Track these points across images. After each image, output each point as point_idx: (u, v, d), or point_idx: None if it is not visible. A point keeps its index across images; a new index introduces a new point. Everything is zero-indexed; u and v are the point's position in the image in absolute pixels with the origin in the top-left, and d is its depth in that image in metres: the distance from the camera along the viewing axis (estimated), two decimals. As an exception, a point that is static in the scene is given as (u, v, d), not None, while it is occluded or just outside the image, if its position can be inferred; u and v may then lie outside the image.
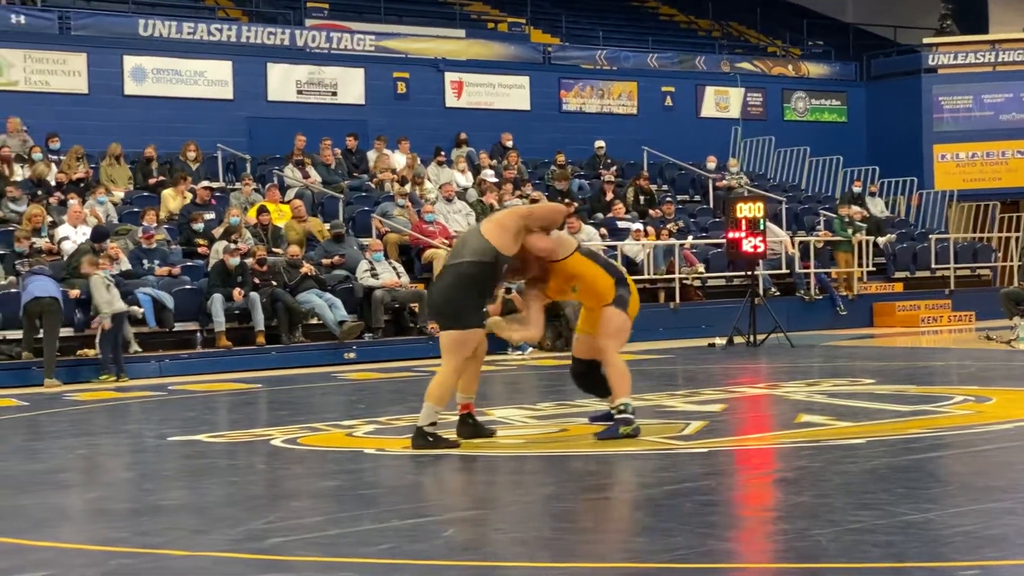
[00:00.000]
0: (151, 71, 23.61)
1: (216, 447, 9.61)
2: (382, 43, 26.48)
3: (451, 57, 27.18)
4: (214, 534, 6.39)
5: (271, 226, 19.27)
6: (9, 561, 5.89)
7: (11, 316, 15.60)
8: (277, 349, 17.25)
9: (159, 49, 23.89)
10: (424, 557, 5.69)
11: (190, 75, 23.94)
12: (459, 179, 23.36)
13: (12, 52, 22.44)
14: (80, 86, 22.99)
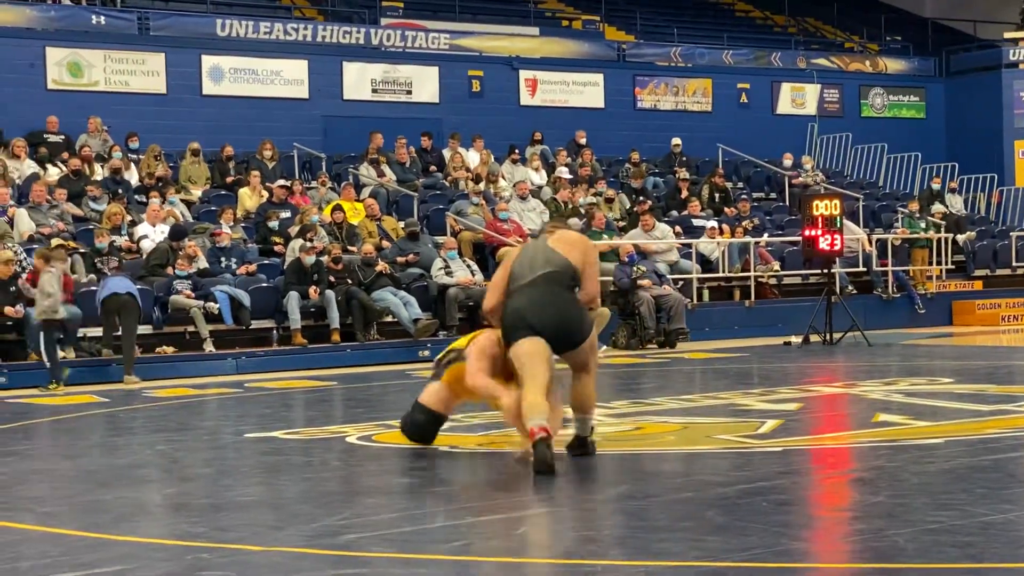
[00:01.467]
0: (228, 71, 23.84)
1: (291, 444, 9.67)
2: (457, 41, 26.54)
3: (525, 55, 27.18)
4: (289, 530, 6.44)
5: (346, 224, 19.38)
6: (90, 555, 5.97)
7: (91, 313, 15.81)
8: (352, 347, 17.34)
9: (236, 49, 24.12)
10: (497, 554, 5.69)
11: (266, 74, 24.14)
12: (533, 177, 23.36)
13: (93, 53, 22.75)
14: (159, 86, 23.27)
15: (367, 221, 19.90)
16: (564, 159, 24.15)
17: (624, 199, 23.25)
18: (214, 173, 21.58)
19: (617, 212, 22.51)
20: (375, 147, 22.63)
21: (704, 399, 11.67)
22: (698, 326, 19.44)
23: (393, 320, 17.88)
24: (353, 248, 18.81)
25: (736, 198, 24.09)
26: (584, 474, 8.23)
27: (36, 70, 22.20)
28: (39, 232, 17.59)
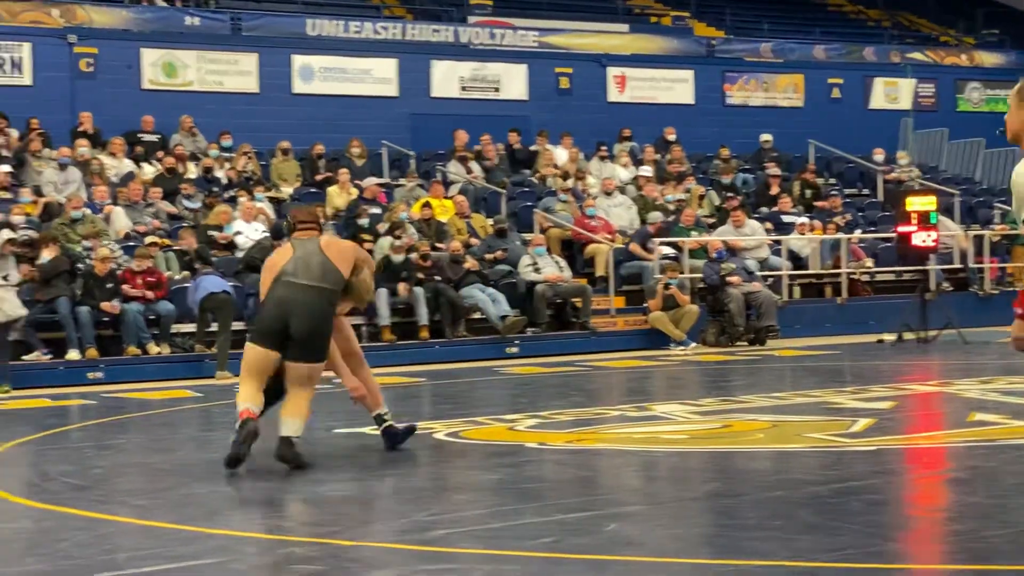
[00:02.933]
0: (319, 70, 24.04)
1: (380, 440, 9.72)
2: (545, 39, 26.53)
3: (614, 52, 27.10)
4: (378, 525, 6.48)
5: (435, 221, 19.46)
6: (185, 548, 6.06)
7: (185, 310, 16.03)
8: (440, 343, 17.40)
9: (326, 48, 24.31)
10: (586, 552, 5.68)
11: (356, 73, 24.31)
12: (621, 174, 23.29)
13: (186, 53, 23.07)
14: (251, 85, 23.53)
15: (456, 218, 19.97)
16: (652, 156, 24.04)
17: (713, 195, 23.09)
18: (304, 171, 21.78)
19: (707, 209, 22.36)
20: (463, 144, 22.70)
21: (795, 397, 11.56)
22: (788, 323, 19.25)
23: (481, 317, 17.92)
24: (442, 245, 18.87)
25: (827, 194, 23.82)
26: (673, 472, 8.19)
27: (132, 71, 22.55)
28: (135, 230, 17.87)
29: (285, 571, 5.57)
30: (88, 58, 22.21)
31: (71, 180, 18.86)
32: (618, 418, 10.44)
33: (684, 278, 18.86)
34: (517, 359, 17.20)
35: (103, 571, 5.67)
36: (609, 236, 19.94)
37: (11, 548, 6.32)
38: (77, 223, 17.03)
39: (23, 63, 21.72)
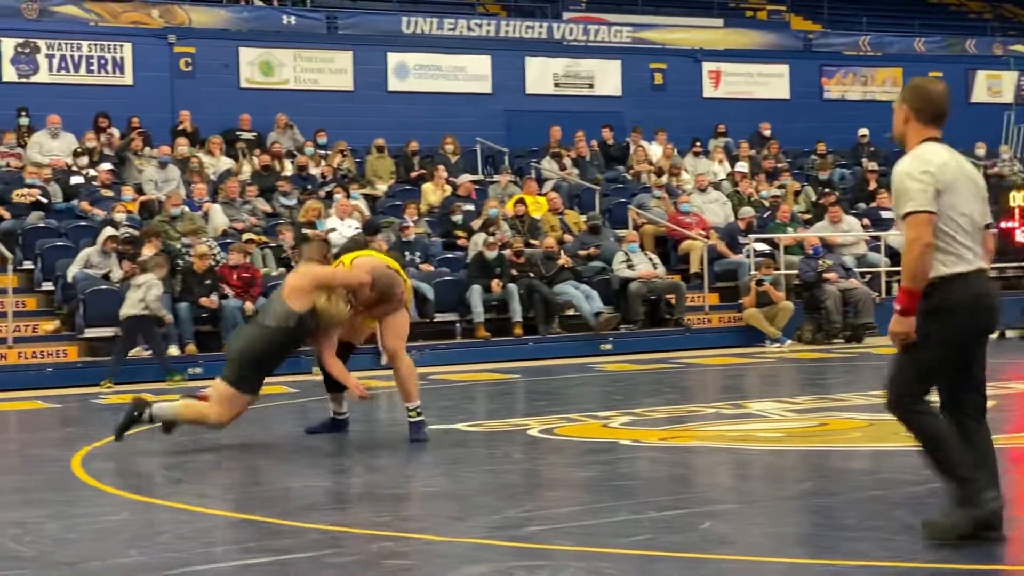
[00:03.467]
0: (413, 67, 24.16)
1: (474, 436, 9.76)
2: (639, 34, 26.43)
3: (709, 47, 26.92)
4: (472, 521, 6.50)
5: (528, 218, 19.47)
6: (280, 542, 6.12)
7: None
8: (534, 340, 17.41)
9: (421, 46, 24.43)
10: (680, 550, 5.65)
11: (450, 70, 24.40)
12: (716, 169, 23.13)
13: (283, 52, 23.32)
14: (346, 83, 23.72)
15: (549, 215, 19.96)
16: (747, 151, 23.85)
17: (810, 191, 22.84)
18: (399, 168, 21.91)
19: (803, 204, 22.14)
20: (556, 141, 22.69)
21: (893, 395, 11.37)
22: (886, 320, 18.81)
23: (575, 313, 17.90)
24: (535, 242, 18.88)
25: (927, 190, 23.41)
26: (768, 470, 8.12)
27: (230, 70, 22.84)
28: (232, 227, 18.10)
29: (379, 566, 5.61)
30: (187, 57, 22.54)
31: (170, 178, 19.17)
32: (712, 416, 10.38)
33: (779, 275, 18.68)
34: (611, 356, 17.15)
35: (201, 564, 5.75)
36: (703, 232, 19.81)
37: (113, 540, 6.43)
38: (176, 220, 17.29)
39: (124, 63, 22.09)
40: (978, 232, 5.44)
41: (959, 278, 5.34)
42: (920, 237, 5.29)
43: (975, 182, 5.52)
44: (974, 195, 5.47)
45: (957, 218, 5.35)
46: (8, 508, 7.29)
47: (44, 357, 15.57)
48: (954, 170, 5.44)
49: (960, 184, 5.42)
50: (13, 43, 21.38)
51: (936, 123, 5.62)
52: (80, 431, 10.27)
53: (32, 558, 5.92)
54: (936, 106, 5.64)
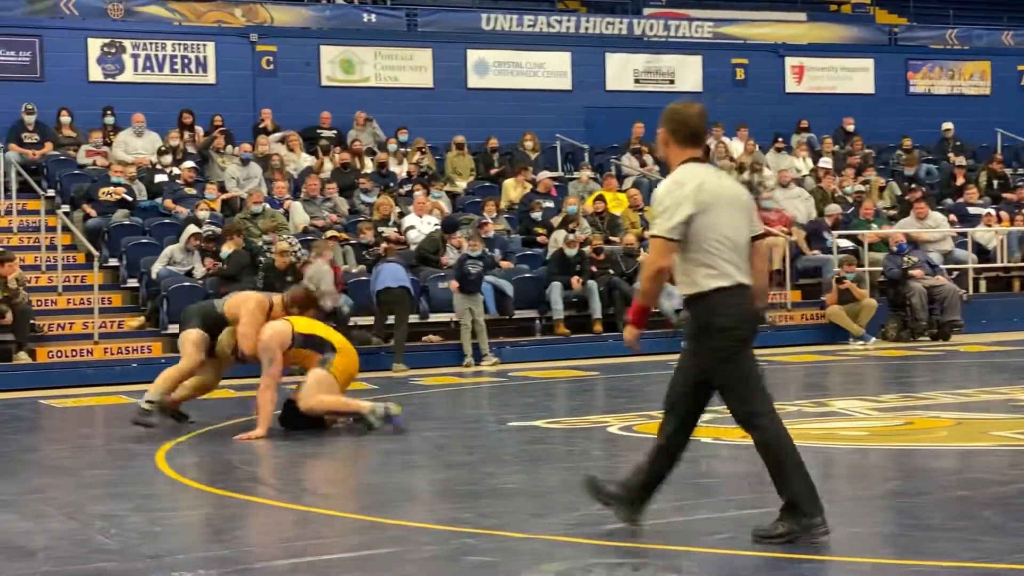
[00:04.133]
0: (493, 64, 24.18)
1: (553, 433, 9.74)
2: (720, 29, 26.24)
3: (792, 41, 26.66)
4: (551, 518, 6.48)
5: (608, 215, 19.41)
6: (361, 537, 6.15)
7: (362, 303, 16.23)
8: (614, 337, 17.31)
9: (501, 42, 24.43)
10: (762, 549, 5.59)
11: (530, 67, 24.38)
12: (799, 165, 22.92)
13: (364, 50, 23.43)
14: (426, 81, 23.78)
15: (629, 211, 19.89)
16: (831, 147, 23.59)
17: (895, 187, 22.56)
18: (478, 165, 21.94)
19: (888, 200, 21.86)
20: (637, 137, 22.61)
21: (980, 394, 11.22)
22: (974, 318, 18.67)
23: (655, 310, 17.79)
24: (615, 238, 18.82)
25: (1015, 185, 23.05)
26: (853, 469, 8.03)
27: (311, 68, 23.01)
28: (313, 224, 18.23)
29: (458, 562, 5.60)
30: (269, 56, 22.73)
31: (252, 176, 19.34)
32: (795, 414, 10.27)
33: (864, 271, 18.46)
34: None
35: (282, 558, 5.78)
36: (786, 229, 19.63)
37: (196, 534, 6.49)
38: (257, 217, 17.44)
39: (207, 62, 22.33)
40: (742, 248, 5.71)
41: (720, 292, 5.61)
42: (655, 261, 5.67)
43: (737, 199, 5.78)
44: (737, 212, 5.73)
45: (717, 236, 5.61)
46: (95, 501, 7.39)
47: (129, 353, 15.79)
48: (712, 190, 5.67)
49: (720, 203, 5.66)
50: (99, 43, 21.68)
51: (693, 143, 5.87)
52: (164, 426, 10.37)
53: (117, 550, 5.99)
54: (689, 127, 5.89)
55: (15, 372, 14.82)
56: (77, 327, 16.14)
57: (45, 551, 6.06)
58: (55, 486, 7.92)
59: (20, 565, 5.78)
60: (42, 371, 14.97)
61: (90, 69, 21.59)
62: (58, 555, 5.95)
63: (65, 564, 5.76)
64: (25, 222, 18.36)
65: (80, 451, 9.94)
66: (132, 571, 5.57)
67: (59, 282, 16.88)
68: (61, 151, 19.91)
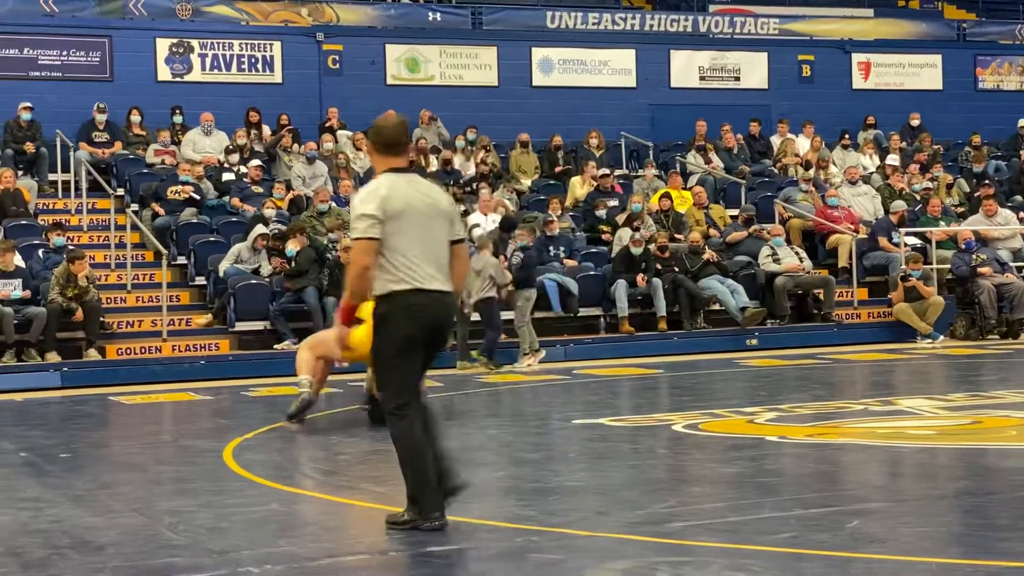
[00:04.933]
0: (557, 62, 24.16)
1: (618, 431, 9.73)
2: (786, 26, 26.06)
3: (858, 37, 26.43)
4: (615, 516, 6.48)
5: (673, 212, 19.35)
6: (426, 534, 6.17)
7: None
8: (679, 335, 17.29)
9: (565, 40, 24.42)
10: (827, 548, 5.56)
11: (594, 65, 24.35)
12: (865, 162, 22.72)
13: (429, 48, 23.51)
14: (491, 79, 23.82)
15: (694, 209, 19.81)
16: (898, 144, 23.37)
17: (963, 184, 22.30)
18: (543, 163, 21.94)
19: (956, 197, 21.62)
20: (702, 134, 22.52)
21: (1050, 393, 11.06)
22: (1044, 316, 18.42)
23: (720, 308, 17.74)
24: (680, 236, 18.76)
25: (1087, 181, 22.71)
26: (920, 469, 7.96)
27: (376, 66, 23.12)
28: (379, 222, 18.28)
29: (522, 559, 5.61)
30: (334, 55, 22.87)
31: (318, 174, 19.47)
32: (861, 412, 10.19)
33: (931, 269, 18.27)
34: (757, 351, 16.96)
35: (347, 555, 5.83)
36: (852, 226, 19.47)
37: (262, 530, 6.55)
38: (323, 216, 17.55)
39: (274, 61, 22.50)
40: (433, 254, 6.06)
41: (398, 295, 5.98)
42: (358, 260, 6.01)
43: (433, 207, 6.11)
44: (429, 220, 6.07)
45: (403, 243, 5.98)
46: (163, 497, 7.49)
47: (197, 350, 15.96)
48: (402, 197, 6.03)
49: (410, 211, 6.02)
50: (167, 43, 21.92)
51: (392, 152, 6.23)
52: (231, 423, 10.48)
53: (185, 545, 6.06)
54: (387, 137, 6.27)
55: (86, 369, 15.02)
56: (146, 324, 16.34)
57: (114, 546, 6.15)
58: (124, 482, 8.02)
59: (90, 559, 5.87)
60: (111, 368, 15.16)
61: (159, 69, 21.83)
62: (127, 550, 6.03)
63: (134, 559, 5.83)
64: (95, 220, 18.60)
65: (148, 447, 10.06)
66: (199, 566, 5.63)
67: (128, 280, 17.09)
68: (130, 150, 20.15)
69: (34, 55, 21.11)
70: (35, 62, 21.11)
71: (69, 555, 5.96)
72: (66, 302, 15.04)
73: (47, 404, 13.14)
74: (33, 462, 8.98)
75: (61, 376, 14.61)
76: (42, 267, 16.00)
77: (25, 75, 20.94)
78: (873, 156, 23.06)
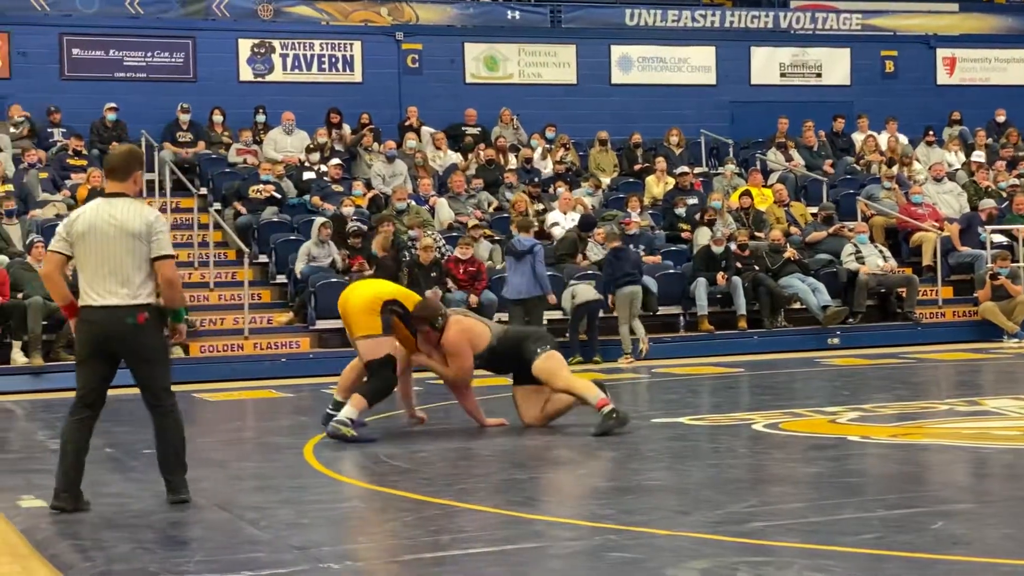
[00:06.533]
0: (637, 59, 24.09)
1: (698, 430, 9.68)
2: (869, 21, 25.77)
3: (943, 32, 26.06)
4: (695, 515, 6.44)
5: (753, 210, 19.21)
6: (506, 531, 6.18)
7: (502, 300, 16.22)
8: (759, 333, 17.18)
9: (645, 38, 24.32)
10: (910, 549, 5.49)
11: (674, 62, 24.24)
12: (950, 159, 22.40)
13: (507, 47, 23.53)
14: (569, 77, 23.79)
15: (775, 207, 19.66)
16: (983, 140, 23.02)
17: (1051, 180, 21.92)
18: (622, 161, 21.88)
19: (1044, 195, 21.23)
20: (782, 131, 22.33)
21: None
22: None
23: (801, 307, 17.59)
24: (760, 234, 18.62)
25: None
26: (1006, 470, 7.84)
27: (455, 65, 23.18)
28: (458, 220, 18.36)
29: (601, 558, 5.60)
30: (414, 54, 22.96)
31: (398, 173, 19.56)
32: (945, 412, 10.06)
33: (1018, 267, 17.98)
34: (838, 350, 16.80)
35: (427, 552, 5.85)
36: (936, 224, 19.22)
37: (343, 527, 6.60)
38: (402, 213, 17.63)
39: (354, 61, 22.64)
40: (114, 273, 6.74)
41: (84, 308, 6.82)
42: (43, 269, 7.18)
43: (121, 229, 6.75)
44: (111, 242, 6.75)
45: (87, 263, 6.79)
46: (246, 493, 7.56)
47: (278, 348, 16.09)
48: (88, 221, 6.79)
49: (93, 234, 6.77)
50: (249, 44, 22.13)
51: (111, 177, 6.99)
52: (312, 420, 10.55)
53: (267, 541, 6.12)
54: (105, 164, 7.24)
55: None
56: (228, 323, 16.52)
57: (197, 541, 6.22)
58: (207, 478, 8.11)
59: (174, 554, 5.94)
60: (195, 365, 15.35)
61: (241, 69, 22.05)
62: (210, 545, 6.10)
63: (217, 554, 5.89)
64: (179, 220, 18.83)
65: (231, 444, 10.17)
66: (281, 562, 5.68)
67: (211, 278, 17.28)
68: (213, 150, 20.38)
69: (119, 56, 21.41)
70: (120, 63, 21.41)
71: (154, 549, 6.04)
72: (150, 300, 15.22)
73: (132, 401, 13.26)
74: (118, 458, 9.11)
75: (145, 373, 14.82)
76: (127, 266, 16.20)
77: (111, 76, 21.25)
78: (958, 153, 22.74)
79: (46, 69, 20.96)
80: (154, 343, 6.93)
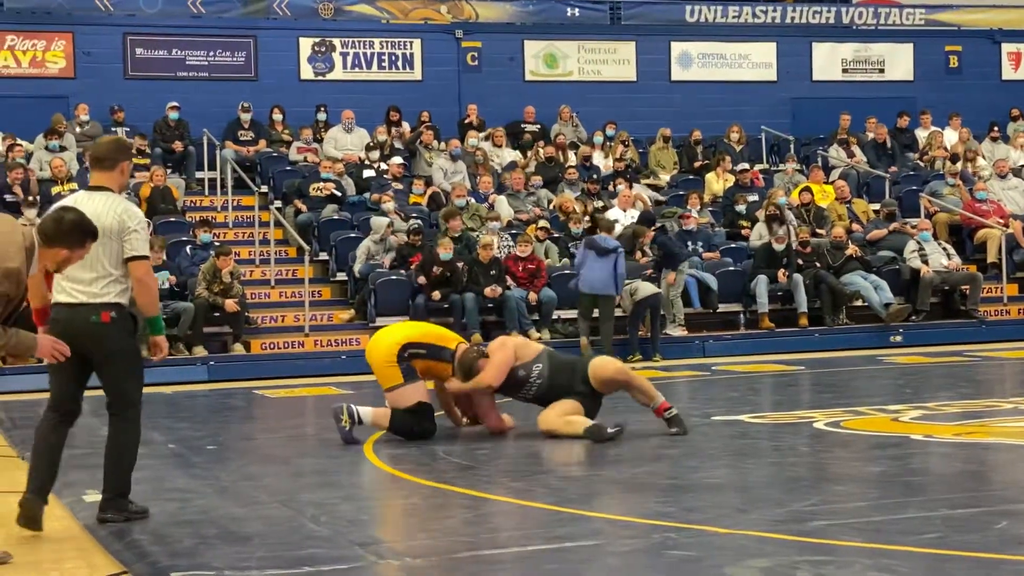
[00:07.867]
0: (697, 56, 23.99)
1: (758, 428, 9.63)
2: (933, 16, 25.50)
3: (1008, 27, 25.75)
4: (755, 513, 6.41)
5: (814, 207, 19.07)
6: (565, 529, 6.19)
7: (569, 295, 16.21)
8: (820, 331, 17.05)
9: (705, 34, 24.22)
10: (973, 549, 5.43)
11: (734, 58, 24.12)
12: (1015, 156, 22.13)
13: (567, 44, 23.51)
14: (629, 74, 23.73)
15: (836, 204, 19.50)
16: (1050, 136, 22.72)
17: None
18: (682, 158, 21.80)
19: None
20: (844, 128, 22.16)
21: None
22: None
23: (863, 304, 17.45)
24: (822, 231, 18.49)
25: None
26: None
27: (515, 63, 23.19)
28: (517, 218, 18.37)
29: (661, 556, 5.59)
30: (473, 52, 23.00)
31: (457, 170, 19.60)
32: (1011, 411, 9.94)
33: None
34: (901, 348, 16.65)
35: (486, 548, 5.86)
36: (1002, 221, 18.99)
37: (404, 523, 6.62)
38: (462, 211, 17.66)
39: (414, 59, 22.71)
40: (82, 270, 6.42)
41: (54, 306, 6.57)
42: None
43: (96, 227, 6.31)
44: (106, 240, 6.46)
45: None
46: (307, 489, 7.60)
47: (338, 345, 16.17)
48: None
49: None
50: (310, 42, 22.27)
51: (97, 167, 6.75)
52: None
53: (327, 537, 6.15)
54: (91, 154, 6.90)
55: (231, 363, 15.36)
56: (289, 320, 16.63)
57: (259, 536, 6.26)
58: (268, 474, 8.17)
59: (236, 549, 5.99)
60: (256, 362, 15.48)
61: (301, 68, 22.18)
62: (271, 541, 6.14)
63: (278, 549, 5.94)
64: (240, 217, 18.98)
65: (292, 440, 10.24)
66: (342, 557, 5.71)
67: (272, 276, 17.41)
68: (274, 148, 20.52)
69: (182, 56, 21.61)
70: (183, 63, 21.60)
71: (216, 545, 6.09)
72: (212, 297, 15.38)
73: (194, 397, 13.46)
74: (181, 454, 9.20)
75: (208, 370, 14.98)
76: (189, 263, 16.38)
77: (173, 75, 21.44)
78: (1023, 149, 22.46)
79: (110, 69, 21.18)
80: (119, 346, 6.58)
